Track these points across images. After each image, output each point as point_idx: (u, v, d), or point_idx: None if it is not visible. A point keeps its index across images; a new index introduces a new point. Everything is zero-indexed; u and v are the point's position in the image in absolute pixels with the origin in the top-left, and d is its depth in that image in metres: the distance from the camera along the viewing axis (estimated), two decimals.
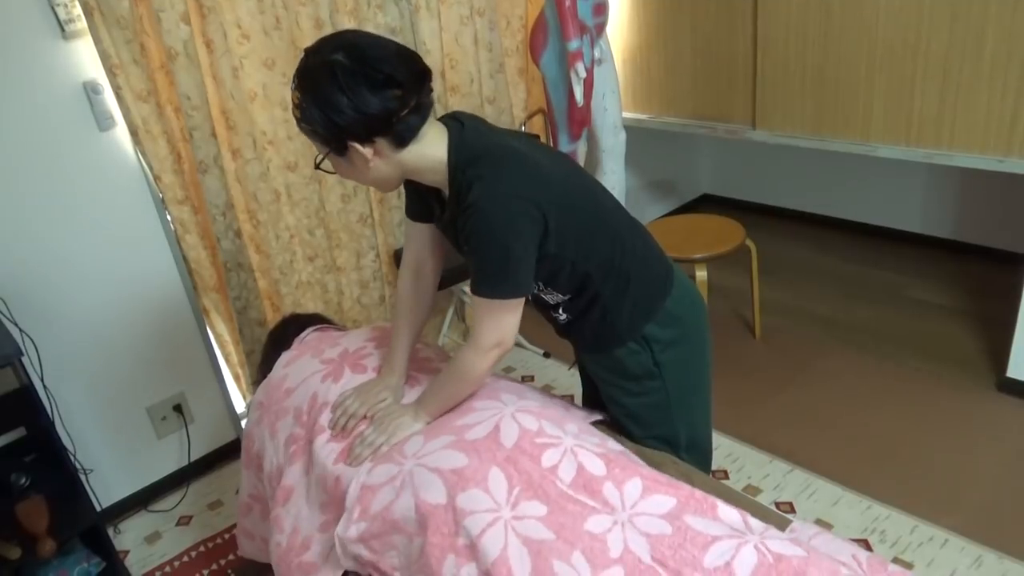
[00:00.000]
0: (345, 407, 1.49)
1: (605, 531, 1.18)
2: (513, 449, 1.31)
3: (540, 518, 1.21)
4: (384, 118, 1.21)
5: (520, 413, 1.40)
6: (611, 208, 1.43)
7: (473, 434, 1.35)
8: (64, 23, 1.98)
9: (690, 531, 1.16)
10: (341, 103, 1.18)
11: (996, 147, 2.30)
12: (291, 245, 2.56)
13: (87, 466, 2.30)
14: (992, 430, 2.36)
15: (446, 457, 1.30)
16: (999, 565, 1.89)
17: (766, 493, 2.22)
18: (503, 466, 1.28)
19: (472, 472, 1.26)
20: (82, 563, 2.04)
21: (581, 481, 1.27)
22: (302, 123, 1.25)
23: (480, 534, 1.18)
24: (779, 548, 1.11)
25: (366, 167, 1.28)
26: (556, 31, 2.71)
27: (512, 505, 1.23)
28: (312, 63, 1.21)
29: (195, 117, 2.19)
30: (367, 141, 1.24)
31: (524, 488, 1.25)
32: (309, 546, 1.41)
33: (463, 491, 1.24)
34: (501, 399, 1.46)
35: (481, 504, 1.22)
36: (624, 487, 1.26)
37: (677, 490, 1.25)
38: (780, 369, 2.80)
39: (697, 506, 1.22)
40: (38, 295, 2.12)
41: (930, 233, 3.52)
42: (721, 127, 3.05)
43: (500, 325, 1.34)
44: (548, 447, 1.32)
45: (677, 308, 1.47)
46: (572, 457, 1.31)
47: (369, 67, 1.18)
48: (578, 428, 1.42)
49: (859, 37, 2.49)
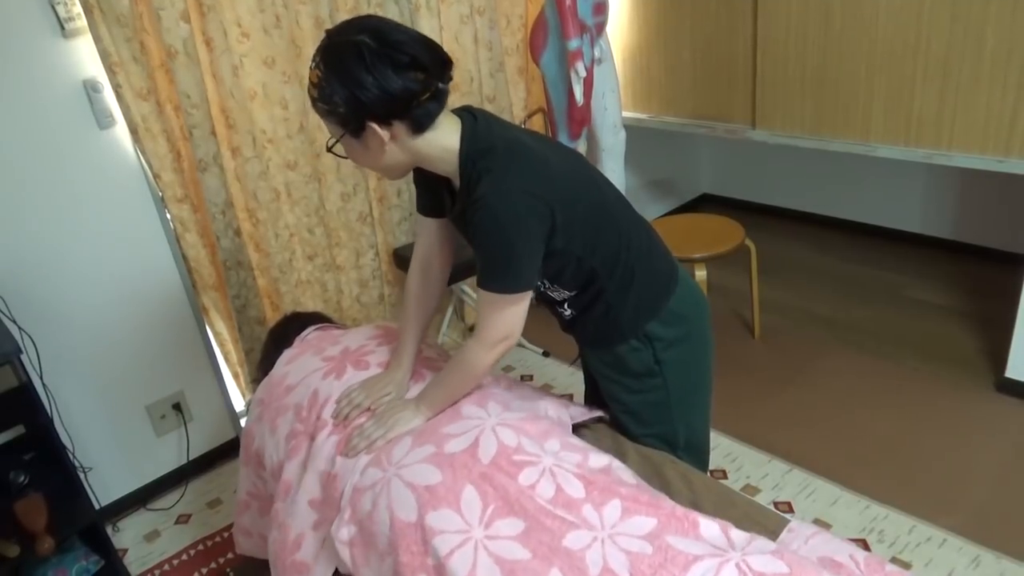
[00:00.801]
0: (350, 398, 1.50)
1: (584, 547, 1.16)
2: (489, 466, 1.29)
3: (515, 537, 1.19)
4: (406, 99, 1.22)
5: (501, 427, 1.37)
6: (617, 204, 1.43)
7: (452, 446, 1.33)
8: (64, 21, 1.98)
9: (671, 551, 1.14)
10: (366, 80, 1.18)
11: (996, 147, 2.30)
12: (290, 244, 2.56)
13: (86, 464, 2.30)
14: (991, 430, 2.37)
15: (421, 472, 1.29)
16: (997, 565, 1.90)
17: (765, 493, 2.22)
18: (478, 483, 1.26)
19: (445, 491, 1.25)
20: (81, 561, 2.04)
21: (560, 500, 1.25)
22: (319, 103, 1.25)
23: (448, 555, 1.17)
24: (760, 566, 1.10)
25: (381, 151, 1.28)
26: (556, 30, 2.71)
27: (485, 524, 1.21)
28: (337, 42, 1.21)
29: (195, 115, 2.19)
30: (385, 123, 1.24)
31: (500, 505, 1.23)
32: (301, 544, 1.42)
33: (433, 510, 1.22)
34: (487, 408, 1.44)
35: (451, 524, 1.21)
36: (603, 510, 1.23)
37: (657, 510, 1.23)
38: (779, 369, 2.80)
39: (678, 525, 1.20)
40: (37, 293, 2.12)
41: (929, 233, 3.53)
42: (721, 127, 3.05)
43: (506, 320, 1.35)
44: (526, 465, 1.30)
45: (681, 307, 1.48)
46: (551, 478, 1.28)
47: (394, 49, 1.19)
48: (560, 444, 1.37)
49: (859, 37, 2.49)
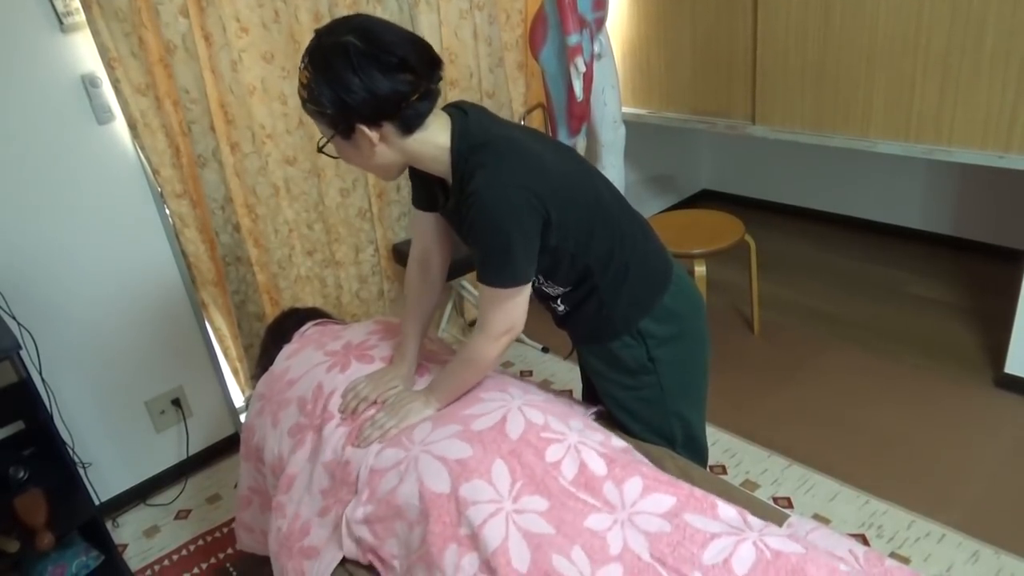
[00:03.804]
0: (357, 391, 1.51)
1: (605, 529, 1.19)
2: (518, 442, 1.32)
3: (541, 512, 1.21)
4: (394, 101, 1.21)
5: (527, 407, 1.41)
6: (613, 200, 1.43)
7: (479, 424, 1.36)
8: (62, 16, 1.97)
9: (689, 528, 1.17)
10: (353, 83, 1.18)
11: (996, 143, 2.30)
12: (290, 239, 2.56)
13: (86, 460, 2.30)
14: (990, 426, 2.37)
15: (451, 447, 1.31)
16: (996, 560, 1.90)
17: (764, 488, 2.22)
18: (507, 459, 1.29)
19: (476, 463, 1.27)
20: (80, 556, 2.05)
21: (583, 479, 1.28)
22: (308, 103, 1.24)
23: (482, 524, 1.19)
24: (777, 545, 1.11)
25: (371, 152, 1.28)
26: (556, 25, 2.70)
27: (514, 498, 1.24)
28: (325, 43, 1.21)
29: (194, 111, 2.19)
30: (375, 124, 1.24)
31: (526, 482, 1.26)
32: (309, 531, 1.43)
33: (467, 481, 1.25)
34: (509, 391, 1.47)
35: (484, 495, 1.23)
36: (624, 486, 1.26)
37: (677, 489, 1.25)
38: (779, 365, 2.80)
39: (697, 505, 1.22)
40: (36, 289, 2.12)
41: (930, 229, 3.52)
42: (721, 122, 3.04)
43: (507, 313, 1.35)
44: (553, 442, 1.33)
45: (675, 304, 1.47)
46: (575, 454, 1.31)
47: (382, 50, 1.18)
48: (583, 424, 1.42)
49: (859, 33, 2.48)
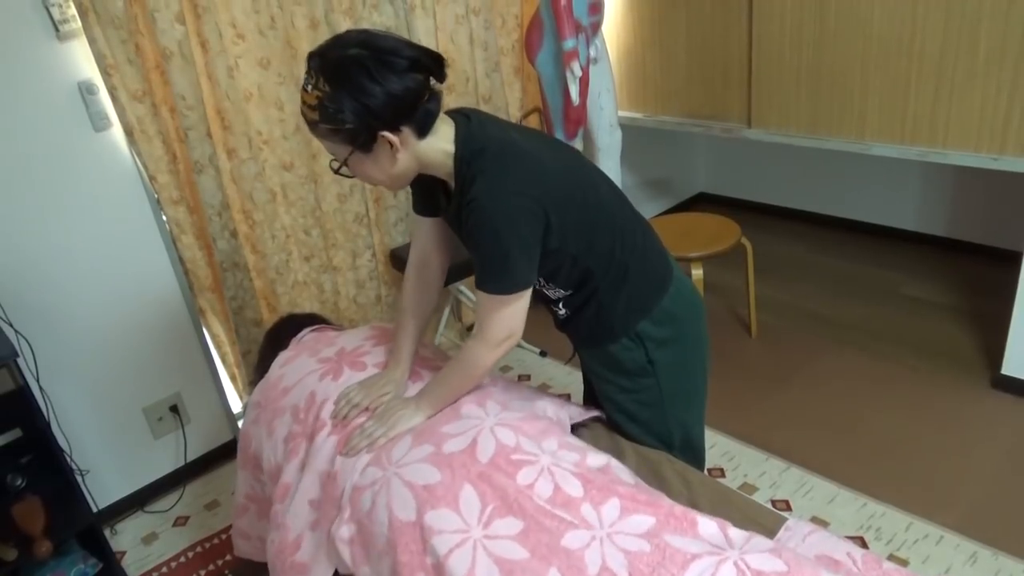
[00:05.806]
0: (348, 398, 1.50)
1: (583, 547, 1.16)
2: (488, 465, 1.29)
3: (514, 536, 1.19)
4: (412, 100, 1.23)
5: (499, 427, 1.38)
6: (614, 201, 1.43)
7: (450, 446, 1.34)
8: (58, 23, 1.97)
9: (669, 549, 1.14)
10: (374, 89, 1.19)
11: (990, 145, 2.31)
12: (287, 245, 2.56)
13: (83, 467, 2.29)
14: (987, 427, 2.37)
15: (420, 471, 1.30)
16: (994, 562, 1.90)
17: (762, 491, 2.22)
18: (476, 483, 1.26)
19: (444, 490, 1.25)
20: (79, 564, 2.04)
21: (559, 499, 1.25)
22: (322, 124, 1.22)
23: (447, 554, 1.17)
24: (758, 564, 1.10)
25: (391, 161, 1.28)
26: (552, 30, 2.71)
27: (484, 524, 1.21)
28: (334, 57, 1.20)
29: (190, 117, 2.19)
30: (395, 129, 1.24)
31: (498, 505, 1.24)
32: (300, 545, 1.42)
33: (432, 509, 1.23)
34: (485, 407, 1.45)
35: (450, 524, 1.21)
36: (601, 508, 1.24)
37: (656, 509, 1.23)
38: (776, 367, 2.80)
39: (676, 524, 1.20)
40: (33, 296, 2.12)
41: (925, 231, 3.53)
42: (716, 126, 3.05)
43: (506, 320, 1.35)
44: (524, 464, 1.30)
45: (673, 307, 1.48)
46: (549, 476, 1.28)
47: (390, 55, 1.20)
48: (558, 444, 1.38)
49: (854, 36, 2.49)
